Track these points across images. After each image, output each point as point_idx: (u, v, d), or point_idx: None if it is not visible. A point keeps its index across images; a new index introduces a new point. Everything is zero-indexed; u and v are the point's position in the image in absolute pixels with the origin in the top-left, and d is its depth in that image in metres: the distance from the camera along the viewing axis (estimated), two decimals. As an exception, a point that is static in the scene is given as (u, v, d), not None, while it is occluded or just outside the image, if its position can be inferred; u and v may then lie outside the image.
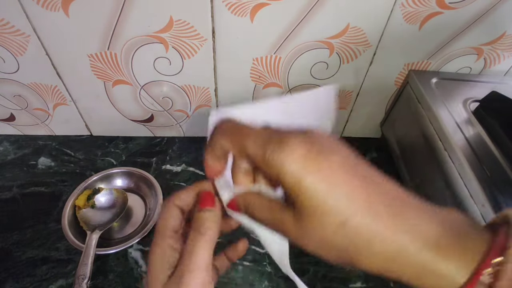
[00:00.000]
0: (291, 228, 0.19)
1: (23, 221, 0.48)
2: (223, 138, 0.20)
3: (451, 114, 0.45)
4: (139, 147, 0.59)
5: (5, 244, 0.45)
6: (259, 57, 0.48)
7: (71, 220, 0.46)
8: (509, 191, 0.36)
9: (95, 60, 0.47)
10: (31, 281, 0.42)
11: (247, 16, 0.43)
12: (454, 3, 0.43)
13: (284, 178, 0.18)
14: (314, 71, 0.51)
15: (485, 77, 0.53)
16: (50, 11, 0.41)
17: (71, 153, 0.58)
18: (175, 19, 0.43)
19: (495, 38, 0.49)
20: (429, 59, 0.51)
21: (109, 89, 0.52)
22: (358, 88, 0.55)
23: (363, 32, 0.46)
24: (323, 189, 0.17)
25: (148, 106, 0.55)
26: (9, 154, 0.57)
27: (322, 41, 0.47)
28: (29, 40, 0.44)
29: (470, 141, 0.42)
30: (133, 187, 0.52)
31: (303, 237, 0.19)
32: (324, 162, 0.17)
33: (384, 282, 0.45)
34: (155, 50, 0.46)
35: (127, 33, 0.44)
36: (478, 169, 0.38)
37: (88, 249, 0.41)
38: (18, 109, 0.55)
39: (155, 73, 0.50)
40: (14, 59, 0.46)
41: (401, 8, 0.43)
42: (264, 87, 0.53)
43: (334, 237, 0.18)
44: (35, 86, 0.51)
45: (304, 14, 0.43)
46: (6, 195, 0.51)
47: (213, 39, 0.46)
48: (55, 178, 0.53)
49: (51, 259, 0.44)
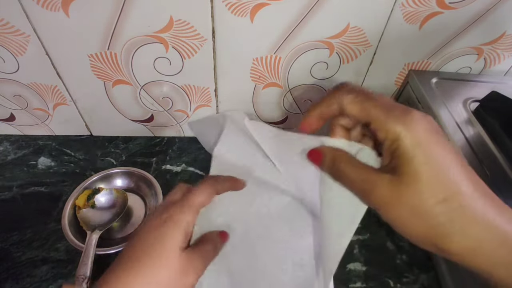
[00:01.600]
0: (383, 192, 0.19)
1: (23, 221, 0.48)
2: (346, 94, 0.21)
3: (451, 114, 0.45)
4: (139, 147, 0.59)
5: (5, 244, 0.45)
6: (259, 57, 0.48)
7: (71, 220, 0.46)
8: (509, 191, 0.36)
9: (95, 60, 0.47)
10: (31, 282, 0.42)
11: (247, 16, 0.43)
12: (454, 3, 0.43)
13: (404, 140, 0.18)
14: (314, 71, 0.51)
15: (485, 77, 0.53)
16: (50, 11, 0.41)
17: (71, 153, 0.58)
18: (175, 19, 0.43)
19: (495, 38, 0.49)
20: (429, 59, 0.51)
21: (109, 89, 0.52)
22: (358, 88, 0.55)
23: (363, 32, 0.46)
24: (439, 161, 0.18)
25: (148, 106, 0.55)
26: (9, 154, 0.57)
27: (322, 41, 0.47)
28: (29, 40, 0.44)
29: (470, 141, 0.42)
30: (133, 187, 0.52)
31: (395, 203, 0.19)
32: (442, 140, 0.19)
33: (384, 282, 0.45)
34: (155, 50, 0.46)
35: (127, 33, 0.44)
36: (478, 169, 0.38)
37: (88, 249, 0.41)
38: (18, 109, 0.55)
39: (155, 73, 0.50)
40: (14, 59, 0.46)
41: (401, 8, 0.43)
42: (264, 87, 0.53)
43: (432, 210, 0.18)
44: (35, 86, 0.51)
45: (304, 14, 0.43)
46: (6, 195, 0.51)
47: (213, 39, 0.46)
48: (55, 178, 0.53)
49: (51, 259, 0.44)
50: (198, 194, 0.25)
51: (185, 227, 0.24)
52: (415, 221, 0.19)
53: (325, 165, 0.22)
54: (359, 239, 0.49)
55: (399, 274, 0.46)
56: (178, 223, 0.23)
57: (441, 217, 0.18)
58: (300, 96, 0.55)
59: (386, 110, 0.19)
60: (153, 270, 0.22)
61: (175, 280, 0.23)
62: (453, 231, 0.18)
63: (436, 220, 0.18)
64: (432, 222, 0.18)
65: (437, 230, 0.18)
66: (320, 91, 0.54)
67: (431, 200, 0.18)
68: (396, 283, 0.45)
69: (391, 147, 0.19)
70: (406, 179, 0.18)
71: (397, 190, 0.19)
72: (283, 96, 0.55)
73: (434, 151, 0.18)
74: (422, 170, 0.18)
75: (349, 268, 0.46)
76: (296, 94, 0.55)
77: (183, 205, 0.24)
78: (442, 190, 0.18)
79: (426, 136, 0.18)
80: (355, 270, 0.46)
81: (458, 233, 0.18)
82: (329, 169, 0.22)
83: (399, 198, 0.19)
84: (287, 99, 0.56)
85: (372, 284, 0.45)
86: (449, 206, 0.18)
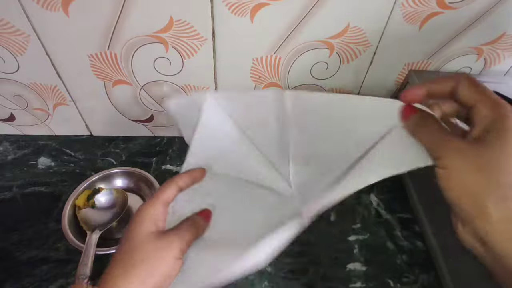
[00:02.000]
0: (463, 147, 0.21)
1: (23, 221, 0.48)
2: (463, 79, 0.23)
3: (451, 114, 0.45)
4: (139, 147, 0.59)
5: (5, 244, 0.45)
6: (259, 57, 0.48)
7: (71, 220, 0.46)
8: (509, 191, 0.36)
9: (95, 60, 0.47)
10: (31, 281, 0.42)
11: (247, 16, 0.43)
12: (454, 3, 0.43)
13: (508, 122, 0.21)
14: (314, 71, 0.51)
15: (485, 77, 0.53)
16: (50, 11, 0.41)
17: (71, 153, 0.58)
18: (175, 19, 0.43)
19: (495, 38, 0.49)
20: (429, 59, 0.51)
21: (109, 89, 0.52)
22: (358, 88, 0.55)
23: (363, 32, 0.46)
24: None
25: (148, 106, 0.55)
26: (9, 154, 0.57)
27: (322, 41, 0.47)
28: (29, 40, 0.44)
29: (470, 141, 0.42)
30: (133, 187, 0.52)
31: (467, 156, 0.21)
32: None
33: (384, 282, 0.45)
34: (155, 50, 0.46)
35: (127, 33, 0.44)
36: (478, 169, 0.38)
37: (88, 249, 0.41)
38: (18, 109, 0.55)
39: (155, 73, 0.50)
40: (14, 59, 0.47)
41: (401, 8, 0.43)
42: (264, 87, 0.53)
43: (499, 177, 0.20)
44: (35, 86, 0.51)
45: (304, 14, 0.43)
46: (6, 195, 0.51)
47: (213, 39, 0.46)
48: (55, 178, 0.53)
49: (51, 259, 0.44)
50: (162, 191, 0.30)
51: (153, 218, 0.28)
52: (479, 184, 0.20)
53: (413, 121, 0.24)
54: (359, 239, 0.49)
55: (399, 274, 0.46)
56: (145, 215, 0.28)
57: (502, 181, 0.20)
58: (300, 96, 0.55)
59: (493, 99, 0.22)
60: (132, 254, 0.27)
61: (154, 258, 0.27)
62: (504, 197, 0.20)
63: (497, 182, 0.20)
64: (493, 181, 0.20)
65: (491, 189, 0.20)
66: (320, 91, 0.54)
67: (501, 169, 0.20)
68: (396, 283, 0.45)
69: (490, 125, 0.21)
70: (489, 146, 0.21)
71: (475, 149, 0.21)
72: (283, 96, 0.55)
73: None
74: (506, 146, 0.20)
75: (349, 268, 0.46)
76: (296, 94, 0.55)
77: (150, 201, 0.29)
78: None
79: None
80: (355, 270, 0.46)
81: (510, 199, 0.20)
82: (414, 124, 0.24)
83: (474, 157, 0.21)
84: (287, 99, 0.56)
85: (372, 284, 0.45)
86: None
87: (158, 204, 0.29)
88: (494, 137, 0.21)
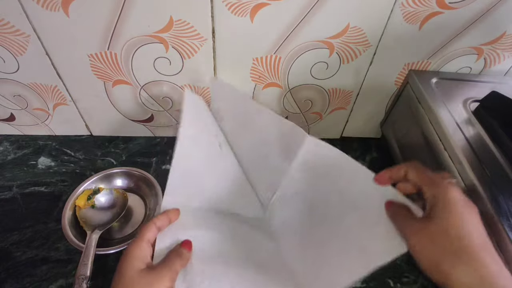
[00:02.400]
0: (417, 226, 0.27)
1: (23, 221, 0.48)
2: (412, 166, 0.30)
3: (451, 114, 0.45)
4: (139, 147, 0.59)
5: (5, 244, 0.45)
6: (259, 57, 0.48)
7: (71, 220, 0.45)
8: (509, 191, 0.36)
9: (95, 60, 0.47)
10: (31, 281, 0.42)
11: (247, 16, 0.43)
12: (454, 3, 0.43)
13: (446, 196, 0.27)
14: (314, 71, 0.51)
15: (485, 77, 0.53)
16: (50, 11, 0.41)
17: (71, 153, 0.58)
18: (175, 19, 0.43)
19: (495, 38, 0.49)
20: (429, 59, 0.51)
21: (109, 89, 0.52)
22: (358, 88, 0.55)
23: (363, 32, 0.46)
24: (465, 217, 0.26)
25: (148, 106, 0.55)
26: (9, 154, 0.57)
27: (322, 41, 0.47)
28: (29, 40, 0.44)
29: (470, 141, 0.42)
30: (133, 187, 0.52)
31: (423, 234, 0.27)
32: (472, 205, 0.27)
33: (384, 282, 0.45)
34: (155, 50, 0.46)
35: (127, 33, 0.44)
36: (478, 169, 0.38)
37: (88, 249, 0.41)
38: (18, 109, 0.55)
39: (155, 73, 0.50)
40: (14, 59, 0.47)
41: (401, 8, 0.43)
42: (264, 87, 0.53)
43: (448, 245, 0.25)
44: (35, 86, 0.51)
45: (304, 14, 0.43)
46: (6, 195, 0.51)
47: (213, 39, 0.46)
48: (55, 178, 0.53)
49: (51, 259, 0.44)
50: (144, 233, 0.32)
51: (140, 257, 0.31)
52: (431, 249, 0.26)
53: (391, 211, 0.31)
54: (359, 239, 0.49)
55: (399, 274, 0.46)
56: (134, 254, 0.31)
57: (449, 252, 0.25)
58: (300, 96, 0.55)
59: (432, 179, 0.28)
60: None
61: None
62: (457, 264, 0.25)
63: (447, 251, 0.25)
64: (442, 253, 0.25)
65: (446, 257, 0.25)
66: (320, 91, 0.55)
67: (448, 239, 0.25)
68: (396, 283, 0.45)
69: (433, 201, 0.27)
70: (438, 222, 0.26)
71: (427, 226, 0.27)
72: (283, 96, 0.55)
73: (464, 210, 0.26)
74: (449, 217, 0.26)
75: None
76: (296, 94, 0.55)
77: (135, 242, 0.32)
78: (460, 235, 0.25)
79: (461, 197, 0.27)
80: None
81: (461, 267, 0.24)
82: (392, 213, 0.30)
83: (428, 230, 0.26)
84: (287, 99, 0.56)
85: (372, 284, 0.45)
86: (462, 245, 0.25)
87: (143, 244, 0.31)
88: (438, 211, 0.26)
